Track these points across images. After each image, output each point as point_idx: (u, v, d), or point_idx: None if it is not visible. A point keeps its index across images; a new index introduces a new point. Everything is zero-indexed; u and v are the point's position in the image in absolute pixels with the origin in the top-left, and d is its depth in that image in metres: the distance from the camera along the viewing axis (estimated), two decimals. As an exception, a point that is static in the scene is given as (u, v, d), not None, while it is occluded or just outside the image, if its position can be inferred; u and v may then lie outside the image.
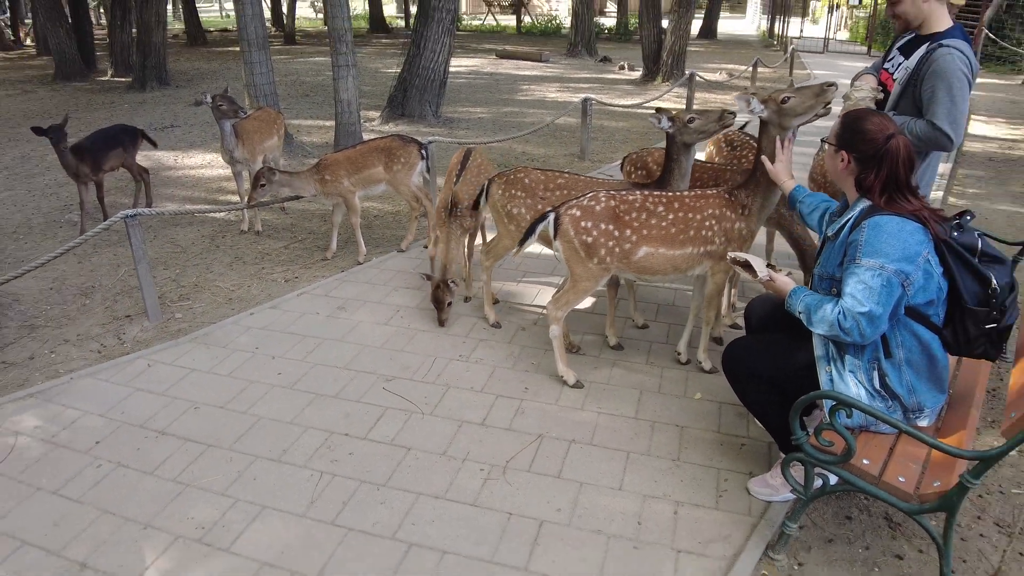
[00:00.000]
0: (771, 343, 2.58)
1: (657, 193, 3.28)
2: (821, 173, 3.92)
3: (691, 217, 3.20)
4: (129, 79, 13.12)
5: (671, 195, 3.26)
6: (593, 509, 2.63)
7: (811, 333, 2.32)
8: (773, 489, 2.64)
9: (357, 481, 2.80)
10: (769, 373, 2.47)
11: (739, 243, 3.23)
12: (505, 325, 4.09)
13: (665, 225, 3.19)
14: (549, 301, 3.46)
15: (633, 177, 4.12)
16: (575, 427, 3.13)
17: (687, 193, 3.29)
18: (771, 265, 2.51)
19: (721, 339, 3.81)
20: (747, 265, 2.45)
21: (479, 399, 3.36)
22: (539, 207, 3.68)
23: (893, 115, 2.86)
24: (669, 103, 10.35)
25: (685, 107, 9.98)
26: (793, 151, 2.99)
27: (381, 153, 4.93)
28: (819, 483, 2.29)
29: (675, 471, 2.84)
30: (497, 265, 4.38)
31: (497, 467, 2.88)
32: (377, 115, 9.94)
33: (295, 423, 3.18)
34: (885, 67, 3.12)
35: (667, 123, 3.40)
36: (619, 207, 3.19)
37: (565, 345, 3.57)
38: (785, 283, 2.39)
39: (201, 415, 3.25)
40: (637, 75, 14.78)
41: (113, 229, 4.72)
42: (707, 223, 3.20)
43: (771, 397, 2.49)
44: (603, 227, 3.16)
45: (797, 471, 2.39)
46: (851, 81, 3.17)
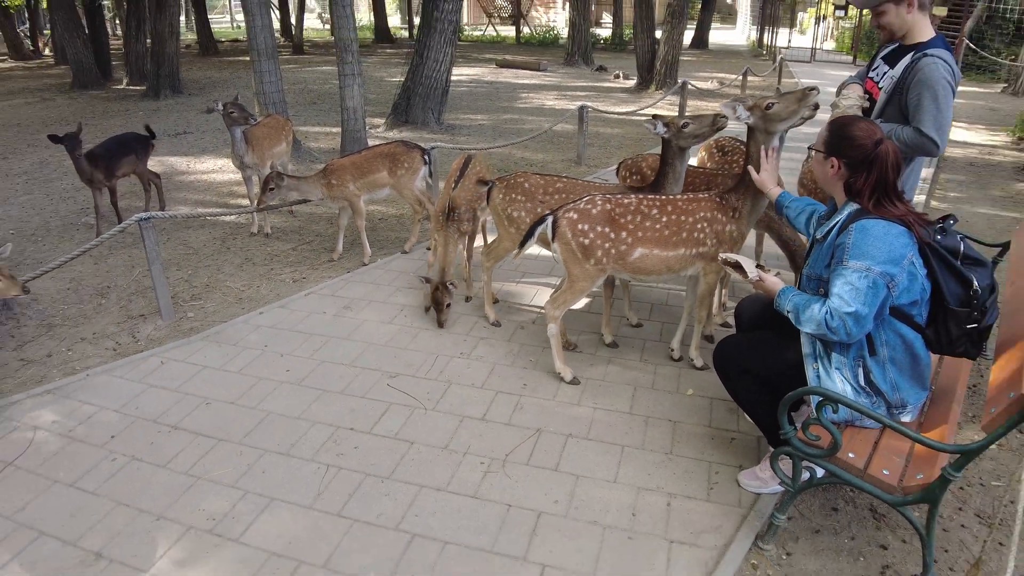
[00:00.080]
0: (760, 341, 2.57)
1: (651, 197, 3.27)
2: (811, 179, 3.91)
3: (684, 220, 3.20)
4: (144, 87, 13.10)
5: (665, 199, 3.26)
6: (589, 501, 2.63)
7: (799, 331, 2.31)
8: (762, 482, 2.64)
9: (362, 474, 2.79)
10: (758, 370, 2.47)
11: (730, 245, 3.22)
12: (505, 324, 4.08)
13: (659, 227, 3.19)
14: (547, 301, 3.45)
15: (628, 181, 4.12)
16: (572, 422, 3.13)
17: (680, 197, 3.28)
18: (760, 266, 2.50)
19: (712, 337, 3.81)
20: (738, 266, 2.45)
21: (479, 395, 3.35)
22: (538, 210, 3.67)
23: (880, 122, 2.85)
24: (663, 110, 10.34)
25: (678, 114, 9.98)
26: (782, 157, 2.98)
27: (385, 158, 4.92)
28: (806, 476, 2.29)
29: (668, 464, 2.84)
30: (497, 266, 4.38)
31: (497, 460, 2.87)
32: (382, 122, 9.93)
33: (302, 418, 3.18)
34: (870, 76, 3.11)
35: (663, 128, 3.39)
36: (615, 210, 3.18)
37: (562, 343, 3.56)
38: (774, 283, 2.39)
39: (212, 410, 3.24)
40: (632, 83, 14.78)
41: (128, 231, 4.71)
42: (699, 226, 3.20)
43: (760, 393, 2.49)
44: (599, 229, 3.15)
45: (785, 464, 2.39)
46: (837, 90, 3.16)
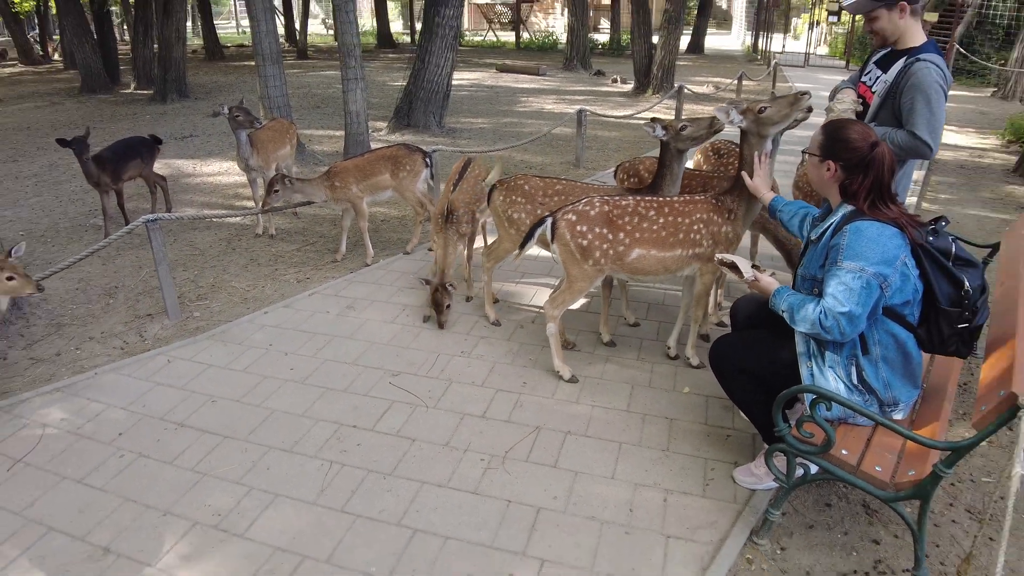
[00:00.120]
0: (755, 340, 2.57)
1: (649, 198, 3.27)
2: (807, 183, 3.92)
3: (681, 221, 3.19)
4: (151, 92, 13.09)
5: (662, 200, 3.26)
6: (587, 497, 2.63)
7: (793, 331, 2.31)
8: (757, 478, 2.64)
9: (365, 470, 2.79)
10: (754, 368, 2.47)
11: (726, 246, 3.22)
12: (505, 323, 4.08)
13: (656, 229, 3.19)
14: (546, 301, 3.45)
15: (626, 184, 4.12)
16: (570, 419, 3.13)
17: (677, 199, 3.28)
18: (756, 266, 2.50)
19: (708, 336, 3.80)
20: (733, 266, 2.45)
21: (480, 393, 3.35)
22: (538, 212, 3.67)
23: (873, 125, 2.85)
24: (660, 114, 10.34)
25: (675, 117, 9.98)
26: (777, 160, 2.98)
27: (388, 161, 4.92)
28: (800, 472, 2.29)
29: (665, 461, 2.83)
30: (497, 267, 4.38)
31: (497, 457, 2.87)
32: (384, 125, 9.92)
33: (306, 416, 3.17)
34: (863, 80, 3.10)
35: (662, 131, 3.40)
36: (613, 212, 3.18)
37: (561, 342, 3.56)
38: (769, 283, 2.38)
39: (218, 408, 3.24)
40: (629, 88, 14.76)
41: (135, 233, 4.71)
42: (696, 227, 3.20)
43: (755, 391, 2.49)
44: (598, 230, 3.15)
45: (780, 461, 2.39)
46: (831, 94, 3.16)
